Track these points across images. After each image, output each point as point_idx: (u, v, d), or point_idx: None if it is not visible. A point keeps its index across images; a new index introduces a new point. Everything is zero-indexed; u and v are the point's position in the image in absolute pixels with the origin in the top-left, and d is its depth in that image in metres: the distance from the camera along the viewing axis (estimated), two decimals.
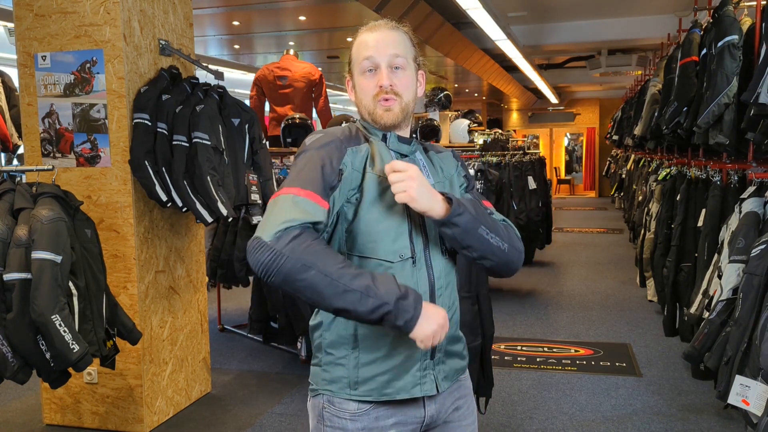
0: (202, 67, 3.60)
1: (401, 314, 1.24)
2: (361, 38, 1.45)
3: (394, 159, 1.42)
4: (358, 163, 1.37)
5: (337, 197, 1.34)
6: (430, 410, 1.46)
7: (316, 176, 1.31)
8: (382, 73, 1.40)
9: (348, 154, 1.37)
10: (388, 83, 1.40)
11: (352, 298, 1.22)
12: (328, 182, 1.32)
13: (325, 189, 1.31)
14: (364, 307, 1.23)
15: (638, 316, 5.45)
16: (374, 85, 1.41)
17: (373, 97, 1.41)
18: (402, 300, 1.25)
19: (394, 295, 1.24)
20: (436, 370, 1.44)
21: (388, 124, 1.42)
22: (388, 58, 1.41)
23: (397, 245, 1.38)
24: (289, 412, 3.57)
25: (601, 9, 8.25)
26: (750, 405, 2.38)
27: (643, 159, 8.23)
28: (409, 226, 1.40)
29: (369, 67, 1.41)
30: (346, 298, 1.22)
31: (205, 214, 3.19)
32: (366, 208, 1.36)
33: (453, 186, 1.52)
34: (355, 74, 1.45)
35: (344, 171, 1.35)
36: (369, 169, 1.38)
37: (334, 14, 6.66)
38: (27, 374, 2.44)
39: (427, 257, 1.41)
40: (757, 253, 2.61)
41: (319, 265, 1.22)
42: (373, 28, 1.45)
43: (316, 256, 1.22)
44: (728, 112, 3.57)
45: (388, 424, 1.41)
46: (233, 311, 5.61)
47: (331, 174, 1.33)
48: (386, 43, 1.41)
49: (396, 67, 1.42)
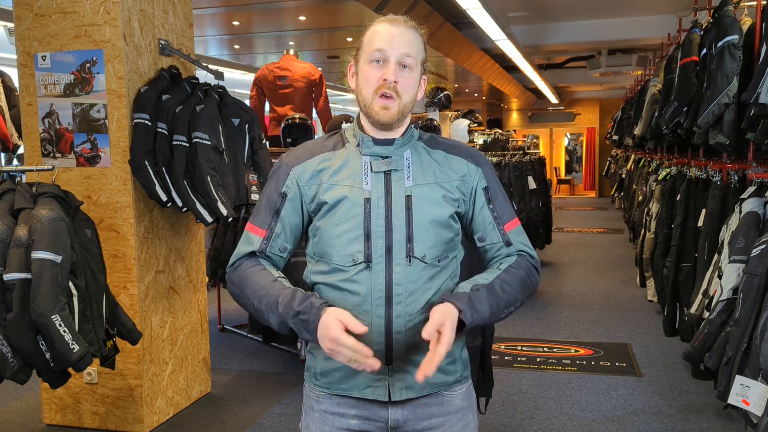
0: (202, 67, 3.60)
1: (301, 331, 1.34)
2: (377, 28, 1.42)
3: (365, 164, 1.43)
4: (308, 177, 1.45)
5: (290, 214, 1.47)
6: (395, 414, 1.44)
7: (260, 208, 1.49)
8: (390, 68, 1.39)
9: (293, 173, 1.46)
10: (392, 79, 1.39)
11: (264, 316, 1.39)
12: (270, 208, 1.47)
13: (266, 215, 1.47)
14: (274, 323, 1.37)
15: (638, 316, 5.45)
16: (378, 77, 1.39)
17: (375, 89, 1.40)
18: (298, 317, 1.33)
19: (290, 313, 1.34)
20: (394, 377, 1.41)
21: (383, 122, 1.41)
22: (398, 55, 1.39)
23: (351, 250, 1.39)
24: (289, 412, 3.57)
25: (601, 9, 8.25)
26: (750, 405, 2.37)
27: (643, 159, 8.23)
28: (365, 231, 1.39)
29: (378, 58, 1.40)
30: (262, 317, 1.40)
31: (205, 214, 3.19)
32: (322, 214, 1.43)
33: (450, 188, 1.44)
34: (362, 61, 1.43)
35: (289, 192, 1.46)
36: (326, 178, 1.44)
37: (334, 14, 6.65)
38: (27, 374, 2.44)
39: (388, 263, 1.38)
40: (757, 253, 2.61)
41: (245, 290, 1.43)
42: (392, 21, 1.42)
43: (243, 282, 1.44)
44: (728, 112, 3.57)
45: (350, 413, 1.46)
46: (233, 311, 5.61)
47: (273, 200, 1.47)
48: (401, 40, 1.40)
49: (404, 66, 1.40)
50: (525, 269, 1.47)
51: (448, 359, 1.46)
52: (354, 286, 1.39)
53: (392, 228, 1.39)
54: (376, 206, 1.40)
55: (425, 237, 1.40)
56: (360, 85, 1.43)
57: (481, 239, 1.49)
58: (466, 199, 1.47)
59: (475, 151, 1.53)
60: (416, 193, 1.42)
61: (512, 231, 1.49)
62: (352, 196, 1.40)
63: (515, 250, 1.49)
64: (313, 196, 1.44)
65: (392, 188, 1.41)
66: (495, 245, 1.48)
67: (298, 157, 1.49)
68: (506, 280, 1.42)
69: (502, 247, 1.48)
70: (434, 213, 1.42)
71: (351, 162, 1.44)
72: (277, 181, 1.47)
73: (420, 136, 1.51)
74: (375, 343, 1.38)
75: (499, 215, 1.48)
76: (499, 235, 1.48)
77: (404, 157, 1.45)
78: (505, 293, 1.41)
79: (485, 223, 1.48)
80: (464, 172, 1.47)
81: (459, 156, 1.49)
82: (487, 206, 1.48)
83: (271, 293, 1.37)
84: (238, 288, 1.44)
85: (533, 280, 1.48)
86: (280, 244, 1.47)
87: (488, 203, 1.48)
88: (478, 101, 16.47)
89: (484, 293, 1.39)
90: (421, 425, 1.46)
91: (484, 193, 1.48)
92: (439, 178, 1.45)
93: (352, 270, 1.39)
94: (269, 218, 1.46)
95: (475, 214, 1.48)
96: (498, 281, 1.42)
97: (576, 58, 11.52)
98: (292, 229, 1.47)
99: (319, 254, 1.44)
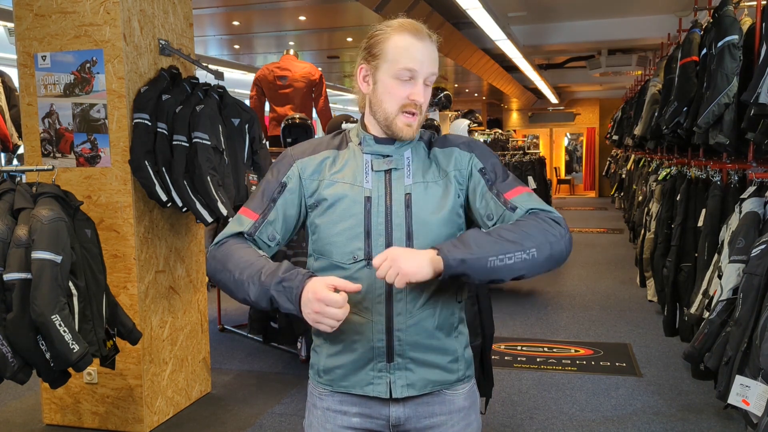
0: (202, 67, 3.60)
1: (283, 300, 1.30)
2: (407, 42, 1.39)
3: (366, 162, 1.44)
4: (311, 172, 1.46)
5: (287, 204, 1.46)
6: (396, 412, 1.45)
7: (257, 194, 1.49)
8: (419, 88, 1.40)
9: (296, 165, 1.47)
10: (422, 100, 1.41)
11: (243, 287, 1.35)
12: (268, 195, 1.46)
13: (262, 201, 1.46)
14: (253, 294, 1.33)
15: (638, 316, 5.45)
16: (405, 95, 1.40)
17: (401, 106, 1.40)
18: (281, 284, 1.30)
19: (273, 281, 1.31)
20: (395, 374, 1.41)
21: (406, 138, 1.43)
22: (426, 75, 1.41)
23: (351, 247, 1.40)
24: (289, 412, 3.57)
25: (601, 9, 8.25)
26: (750, 405, 2.38)
27: (643, 159, 8.23)
28: (366, 228, 1.40)
29: (408, 76, 1.39)
30: (241, 288, 1.35)
31: (205, 214, 3.19)
32: (322, 211, 1.44)
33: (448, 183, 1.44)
34: (385, 73, 1.40)
35: (288, 183, 1.46)
36: (328, 175, 1.44)
37: (334, 14, 6.65)
38: (27, 374, 2.44)
39: None
40: (757, 253, 2.61)
41: (228, 264, 1.38)
42: (417, 35, 1.39)
43: (227, 257, 1.40)
44: (728, 112, 3.57)
45: (352, 411, 1.46)
46: (233, 311, 5.61)
47: (271, 188, 1.47)
48: (431, 60, 1.41)
49: (427, 85, 1.43)
50: (538, 220, 1.36)
51: (450, 357, 1.46)
52: (354, 283, 1.38)
53: (392, 226, 1.40)
54: (376, 204, 1.41)
55: (425, 234, 1.40)
56: (381, 97, 1.42)
57: (489, 218, 1.42)
58: (463, 188, 1.45)
59: (468, 138, 1.53)
60: (416, 191, 1.42)
61: (516, 197, 1.41)
62: (353, 195, 1.42)
63: (524, 211, 1.38)
64: (313, 191, 1.45)
65: (392, 186, 1.42)
66: (502, 216, 1.40)
67: (303, 151, 1.50)
68: (507, 227, 1.34)
69: (506, 212, 1.40)
70: (434, 211, 1.42)
71: (352, 160, 1.46)
72: (279, 170, 1.48)
73: (421, 135, 1.51)
74: (376, 341, 1.39)
75: (500, 190, 1.43)
76: (501, 204, 1.41)
77: (404, 156, 1.46)
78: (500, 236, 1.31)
79: (487, 200, 1.43)
80: (457, 159, 1.47)
81: (452, 146, 1.49)
82: (486, 185, 1.44)
83: (255, 265, 1.35)
84: (220, 262, 1.40)
85: (554, 231, 1.34)
86: (270, 232, 1.46)
87: (486, 182, 1.44)
88: (478, 101, 16.47)
89: (472, 233, 1.33)
90: (422, 423, 1.46)
91: (481, 174, 1.45)
92: (438, 175, 1.45)
93: (352, 267, 1.40)
94: (264, 204, 1.46)
95: (477, 197, 1.44)
96: (496, 228, 1.35)
97: (576, 58, 11.52)
98: (285, 220, 1.46)
99: (319, 251, 1.45)
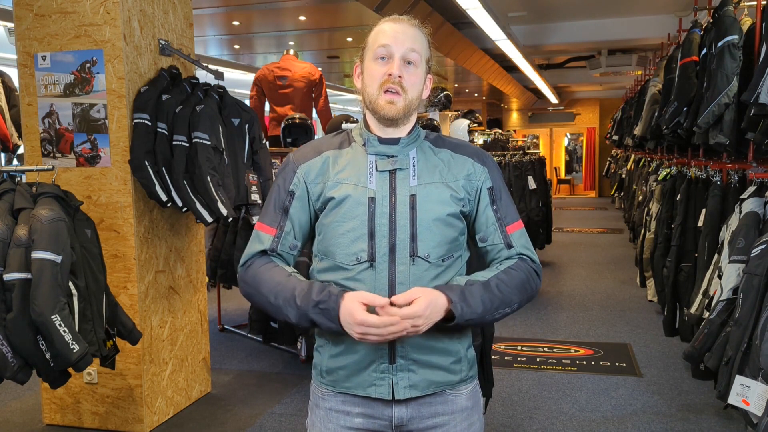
0: (202, 67, 3.60)
1: (323, 321, 1.34)
2: (381, 27, 1.44)
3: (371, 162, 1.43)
4: (315, 175, 1.46)
5: (298, 212, 1.48)
6: (399, 413, 1.44)
7: (269, 207, 1.50)
8: (394, 63, 1.40)
9: (299, 171, 1.47)
10: (397, 73, 1.40)
11: (282, 311, 1.39)
12: (279, 206, 1.48)
13: (276, 214, 1.48)
14: (293, 317, 1.38)
15: (638, 316, 5.45)
16: (383, 73, 1.40)
17: (380, 85, 1.41)
18: (318, 307, 1.34)
19: (310, 305, 1.35)
20: (398, 376, 1.41)
21: (389, 116, 1.41)
22: (403, 51, 1.41)
23: (354, 249, 1.40)
24: (289, 412, 3.57)
25: (601, 9, 8.25)
26: (750, 405, 2.37)
27: (643, 159, 8.23)
28: (369, 230, 1.39)
29: (383, 54, 1.41)
30: (280, 312, 1.40)
31: (205, 214, 3.19)
32: (326, 212, 1.44)
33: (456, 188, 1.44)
34: (367, 59, 1.44)
35: (296, 190, 1.47)
36: (332, 176, 1.44)
37: (334, 14, 6.66)
38: (27, 374, 2.44)
39: (391, 262, 1.39)
40: (757, 253, 2.61)
41: (261, 288, 1.43)
42: (395, 19, 1.45)
43: (258, 282, 1.43)
44: (728, 112, 3.57)
45: (354, 411, 1.46)
46: (233, 311, 5.61)
47: (281, 198, 1.48)
48: (405, 36, 1.42)
49: (409, 62, 1.41)
50: (525, 272, 1.45)
51: (452, 358, 1.46)
52: (357, 284, 1.39)
53: (396, 227, 1.40)
54: (380, 205, 1.40)
55: (429, 236, 1.40)
56: (365, 82, 1.44)
57: (483, 239, 1.48)
58: (471, 199, 1.47)
59: (481, 150, 1.53)
60: (421, 192, 1.42)
61: (515, 233, 1.48)
62: (357, 195, 1.41)
63: (516, 253, 1.47)
64: (319, 194, 1.45)
65: (397, 187, 1.42)
66: (496, 246, 1.48)
67: (305, 155, 1.50)
68: (504, 280, 1.42)
69: (503, 248, 1.47)
70: (439, 212, 1.41)
71: (356, 161, 1.45)
72: (285, 179, 1.49)
73: (426, 135, 1.51)
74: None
75: (502, 216, 1.48)
76: (501, 237, 1.47)
77: (410, 156, 1.45)
78: (500, 292, 1.40)
79: (488, 223, 1.47)
80: (470, 171, 1.47)
81: (465, 155, 1.49)
82: (491, 207, 1.47)
83: (287, 287, 1.38)
84: (252, 287, 1.44)
85: (533, 285, 1.46)
86: (290, 241, 1.48)
87: (492, 204, 1.47)
88: (478, 101, 16.48)
89: (478, 288, 1.39)
90: (425, 424, 1.46)
91: (489, 193, 1.48)
92: (445, 178, 1.45)
93: (355, 269, 1.39)
94: (278, 216, 1.47)
95: (479, 214, 1.48)
96: (495, 279, 1.42)
97: (576, 58, 11.52)
98: (300, 227, 1.48)
99: (323, 252, 1.45)
